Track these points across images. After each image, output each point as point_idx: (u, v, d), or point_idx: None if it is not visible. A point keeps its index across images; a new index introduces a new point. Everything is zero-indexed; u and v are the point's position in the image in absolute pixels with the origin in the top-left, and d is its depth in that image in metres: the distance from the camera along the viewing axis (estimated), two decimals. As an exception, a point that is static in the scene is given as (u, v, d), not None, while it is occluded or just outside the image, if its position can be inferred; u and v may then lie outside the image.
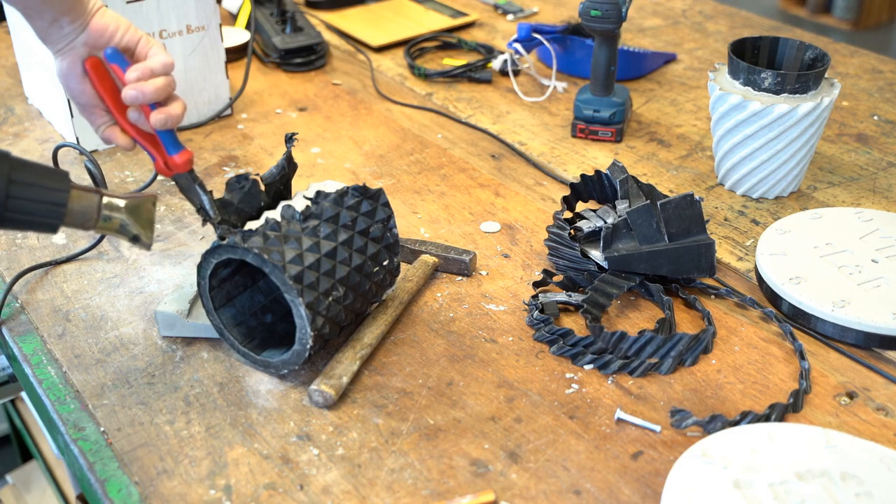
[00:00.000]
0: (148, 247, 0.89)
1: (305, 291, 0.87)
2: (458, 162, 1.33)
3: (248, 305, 0.98)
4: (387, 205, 0.96)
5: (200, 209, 0.94)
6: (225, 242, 0.89)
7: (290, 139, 0.99)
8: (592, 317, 0.99)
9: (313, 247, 0.89)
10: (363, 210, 0.95)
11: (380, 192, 0.96)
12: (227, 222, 0.94)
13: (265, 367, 0.94)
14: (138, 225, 0.87)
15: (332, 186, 0.96)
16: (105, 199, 0.84)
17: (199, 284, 0.93)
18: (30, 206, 0.79)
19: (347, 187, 0.95)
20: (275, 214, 0.93)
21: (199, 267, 0.92)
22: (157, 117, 0.90)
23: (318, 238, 0.90)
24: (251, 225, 0.93)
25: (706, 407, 0.91)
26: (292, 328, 0.96)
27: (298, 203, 0.93)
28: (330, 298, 0.89)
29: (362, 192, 0.95)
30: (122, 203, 0.85)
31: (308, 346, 0.89)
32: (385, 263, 0.96)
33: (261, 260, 0.87)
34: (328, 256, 0.90)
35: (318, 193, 0.94)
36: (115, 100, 0.93)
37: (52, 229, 0.81)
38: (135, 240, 0.87)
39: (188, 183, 0.93)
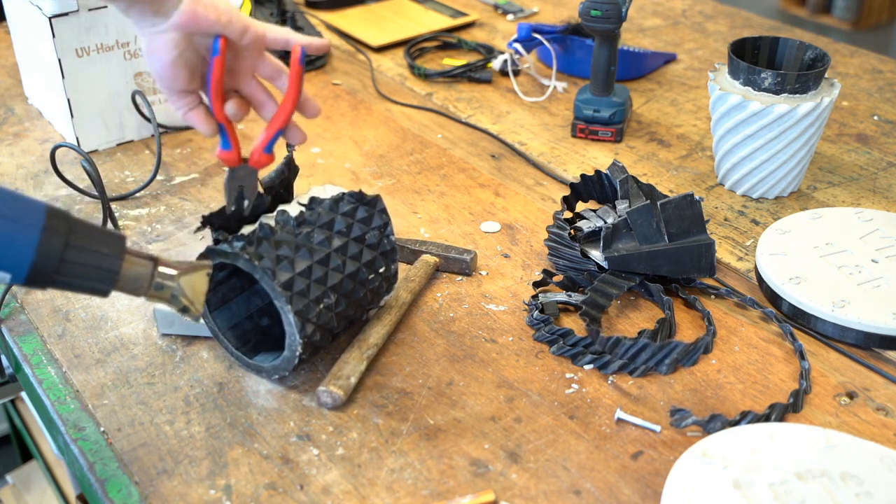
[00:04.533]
0: (196, 319, 0.84)
1: (295, 298, 0.86)
2: (458, 162, 1.33)
3: (244, 308, 0.97)
4: (384, 211, 0.95)
5: (227, 205, 0.93)
6: (217, 247, 0.89)
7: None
8: (591, 318, 0.99)
9: (305, 253, 0.89)
10: (359, 216, 0.94)
11: (376, 198, 0.95)
12: (225, 228, 0.93)
13: (257, 371, 0.93)
14: (190, 296, 0.83)
15: (331, 191, 0.96)
16: (159, 268, 0.81)
17: None
18: (82, 271, 0.76)
19: (343, 193, 0.94)
20: (269, 220, 0.92)
21: None
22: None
23: (310, 244, 0.90)
24: (247, 230, 0.92)
25: (706, 407, 0.91)
26: None
27: (293, 209, 0.92)
28: (321, 306, 0.89)
29: (358, 198, 0.94)
30: (175, 272, 0.82)
31: (297, 353, 0.88)
32: (381, 270, 0.95)
33: (251, 265, 0.86)
34: (320, 263, 0.89)
35: (313, 199, 0.93)
36: (219, 86, 0.91)
37: (103, 294, 0.79)
38: (184, 310, 0.83)
39: (231, 178, 0.93)
